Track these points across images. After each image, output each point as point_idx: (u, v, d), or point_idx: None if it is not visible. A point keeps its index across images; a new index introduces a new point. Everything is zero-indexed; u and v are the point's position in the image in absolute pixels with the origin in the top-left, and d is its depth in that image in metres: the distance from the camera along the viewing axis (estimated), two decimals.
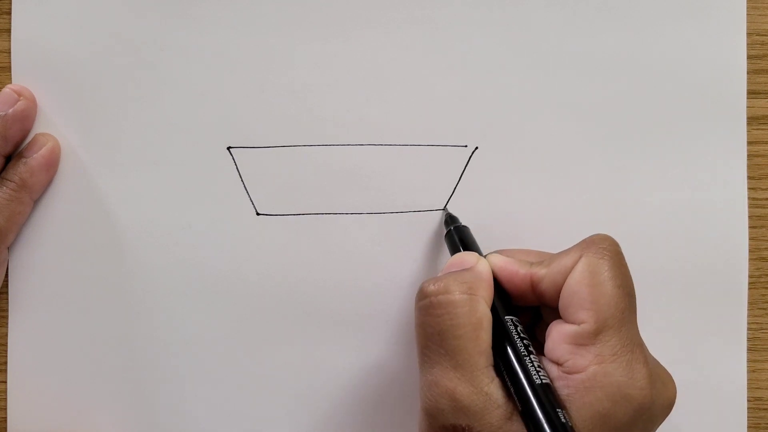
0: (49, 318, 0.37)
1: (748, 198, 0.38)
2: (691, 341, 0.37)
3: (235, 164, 0.37)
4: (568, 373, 0.28)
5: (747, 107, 0.37)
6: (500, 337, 0.30)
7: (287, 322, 0.37)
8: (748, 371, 0.37)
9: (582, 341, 0.28)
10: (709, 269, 0.37)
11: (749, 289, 0.38)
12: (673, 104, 0.37)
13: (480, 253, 0.34)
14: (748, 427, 0.37)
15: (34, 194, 0.37)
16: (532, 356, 0.29)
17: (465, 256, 0.33)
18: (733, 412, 0.37)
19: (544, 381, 0.28)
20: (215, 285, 0.37)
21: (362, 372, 0.37)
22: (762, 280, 0.38)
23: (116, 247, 0.37)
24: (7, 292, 0.37)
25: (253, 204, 0.37)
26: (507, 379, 0.29)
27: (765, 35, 0.38)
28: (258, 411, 0.37)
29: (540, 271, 0.31)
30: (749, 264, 0.38)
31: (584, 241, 0.31)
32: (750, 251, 0.38)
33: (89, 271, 0.37)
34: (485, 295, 0.30)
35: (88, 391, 0.37)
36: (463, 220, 0.36)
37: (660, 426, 0.30)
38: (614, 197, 0.37)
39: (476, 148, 0.37)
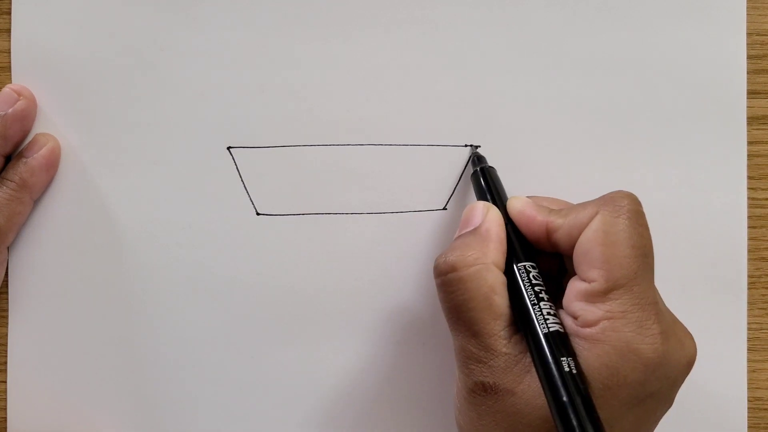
0: (49, 318, 0.37)
1: (748, 198, 0.38)
2: None
3: (235, 164, 0.37)
4: (581, 326, 0.29)
5: (747, 107, 0.37)
6: (514, 290, 0.30)
7: (287, 321, 0.37)
8: (748, 371, 0.37)
9: (592, 299, 0.29)
10: (709, 269, 0.37)
11: (749, 289, 0.37)
12: (673, 104, 0.37)
13: (502, 197, 0.34)
14: (748, 427, 0.37)
15: (34, 194, 0.37)
16: (542, 303, 0.29)
17: (474, 210, 0.33)
18: (733, 412, 0.37)
19: (552, 329, 0.29)
20: (215, 285, 0.37)
21: (362, 371, 0.37)
22: (762, 280, 0.38)
23: (116, 247, 0.37)
24: (7, 292, 0.37)
25: (253, 204, 0.37)
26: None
27: (765, 35, 0.38)
28: (258, 411, 0.37)
29: (556, 221, 0.31)
30: (749, 264, 0.38)
31: (603, 196, 0.31)
32: (750, 251, 0.38)
33: (89, 271, 0.37)
34: (495, 255, 0.31)
35: (88, 391, 0.37)
36: None
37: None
38: None
39: (476, 147, 0.37)
